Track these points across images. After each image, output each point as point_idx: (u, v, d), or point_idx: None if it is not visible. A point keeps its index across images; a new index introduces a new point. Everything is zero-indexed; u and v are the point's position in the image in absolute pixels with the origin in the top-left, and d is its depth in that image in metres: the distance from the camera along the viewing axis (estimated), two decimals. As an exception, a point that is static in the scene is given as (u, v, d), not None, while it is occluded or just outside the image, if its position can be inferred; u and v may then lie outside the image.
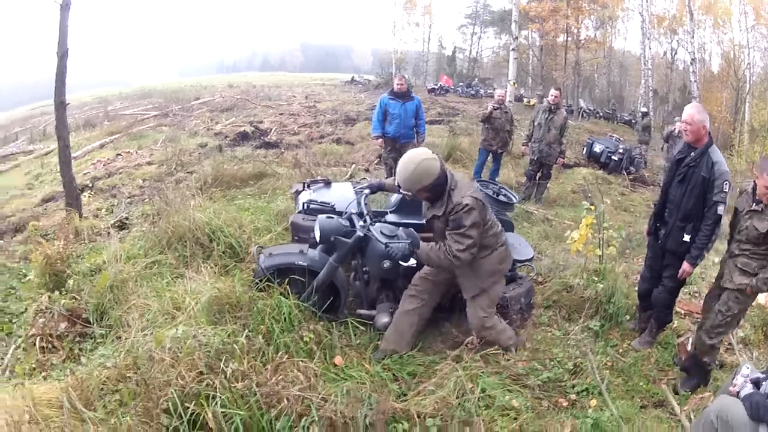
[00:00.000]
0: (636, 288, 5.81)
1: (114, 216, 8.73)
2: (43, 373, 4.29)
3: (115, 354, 3.94)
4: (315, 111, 24.33)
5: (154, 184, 11.01)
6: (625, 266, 7.13)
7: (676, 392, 4.70)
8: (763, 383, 3.53)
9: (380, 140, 9.73)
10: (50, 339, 4.76)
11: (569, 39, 31.73)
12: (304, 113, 23.41)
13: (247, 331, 3.92)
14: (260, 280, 4.52)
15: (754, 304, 5.38)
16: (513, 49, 16.97)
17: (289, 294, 4.35)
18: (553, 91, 10.45)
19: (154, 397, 3.27)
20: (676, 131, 12.31)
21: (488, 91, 38.63)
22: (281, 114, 22.83)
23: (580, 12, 31.29)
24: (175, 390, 3.27)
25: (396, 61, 39.84)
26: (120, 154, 14.50)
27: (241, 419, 3.21)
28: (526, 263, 5.56)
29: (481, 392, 3.89)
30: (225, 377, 3.36)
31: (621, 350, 5.24)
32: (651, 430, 4.06)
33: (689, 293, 6.82)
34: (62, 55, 7.92)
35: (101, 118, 22.04)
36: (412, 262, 4.49)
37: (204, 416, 3.21)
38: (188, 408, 3.22)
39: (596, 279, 5.96)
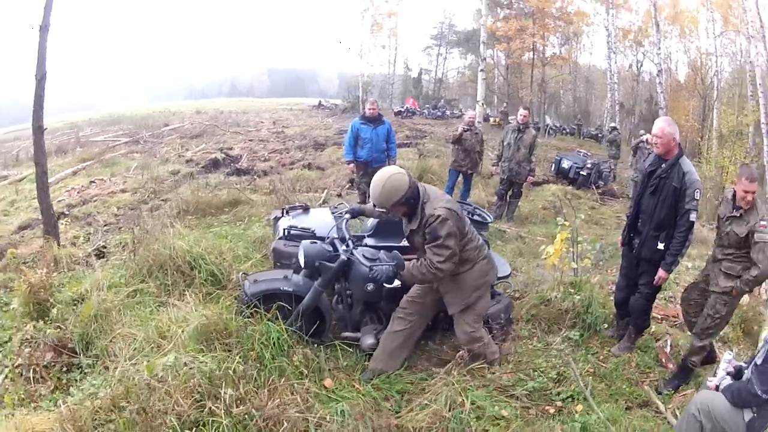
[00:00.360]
0: (612, 297, 6.01)
1: (91, 244, 8.65)
2: (33, 404, 4.26)
3: (106, 384, 3.96)
4: (284, 137, 24.34)
5: (129, 212, 11.00)
6: (600, 277, 7.32)
7: (659, 393, 4.88)
8: (745, 371, 3.73)
9: (352, 165, 9.84)
10: (37, 369, 4.69)
11: (535, 56, 32.10)
12: (273, 139, 23.42)
13: (238, 357, 3.94)
14: (246, 307, 4.53)
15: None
16: (481, 70, 17.20)
17: (277, 319, 4.39)
18: (521, 111, 10.69)
19: (154, 425, 3.29)
20: (643, 140, 12.73)
21: (454, 112, 38.94)
22: (250, 140, 22.83)
23: (545, 29, 31.68)
24: (173, 418, 3.31)
25: (363, 85, 39.91)
26: (94, 182, 14.37)
27: None
28: (503, 280, 5.67)
29: (471, 404, 3.99)
30: (223, 403, 3.40)
31: (602, 357, 5.41)
32: (638, 430, 4.21)
33: (665, 298, 7.05)
34: (41, 78, 7.75)
35: (73, 144, 21.75)
36: (397, 283, 4.55)
37: None
38: None
39: (573, 291, 6.11)
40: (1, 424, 3.59)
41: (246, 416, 3.36)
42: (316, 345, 4.68)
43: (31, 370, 4.64)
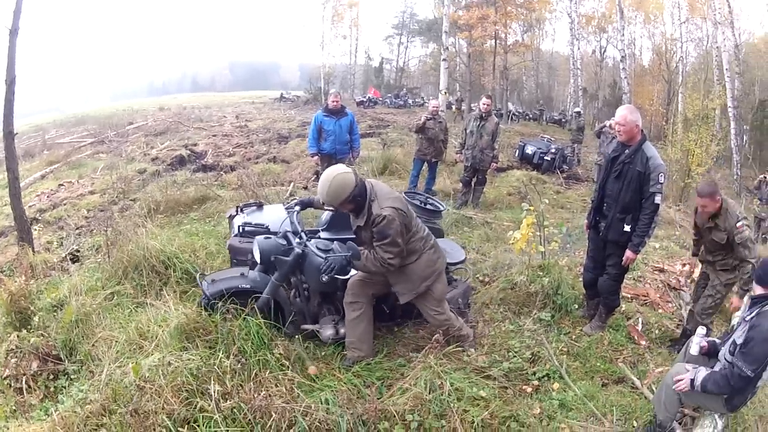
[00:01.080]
0: (581, 278, 6.19)
1: (65, 249, 8.65)
2: (24, 415, 4.25)
3: (94, 389, 3.96)
4: (247, 131, 24.27)
5: (99, 213, 10.97)
6: (568, 260, 7.47)
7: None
8: (721, 348, 3.95)
9: (316, 158, 9.90)
10: (24, 379, 4.67)
11: (497, 44, 32.23)
12: (237, 133, 23.33)
13: (221, 353, 3.99)
14: (206, 308, 4.55)
15: None
16: (444, 59, 17.28)
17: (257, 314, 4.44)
18: (484, 99, 10.90)
19: (147, 425, 3.35)
20: (607, 125, 12.98)
21: (416, 100, 38.99)
22: (214, 135, 22.71)
23: (508, 17, 31.77)
24: (164, 417, 3.37)
25: (324, 76, 39.80)
26: (62, 185, 14.32)
27: None
28: (458, 266, 5.83)
29: (450, 386, 4.10)
30: (211, 399, 3.47)
31: (574, 336, 5.60)
32: (616, 404, 4.44)
33: (633, 279, 7.23)
34: (10, 83, 7.68)
35: (39, 147, 21.48)
36: (353, 273, 4.68)
37: None
38: None
39: (541, 274, 6.29)
40: None
41: (235, 410, 3.43)
42: (295, 336, 4.73)
43: (20, 381, 4.62)
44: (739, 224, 4.80)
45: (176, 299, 5.17)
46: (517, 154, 18.02)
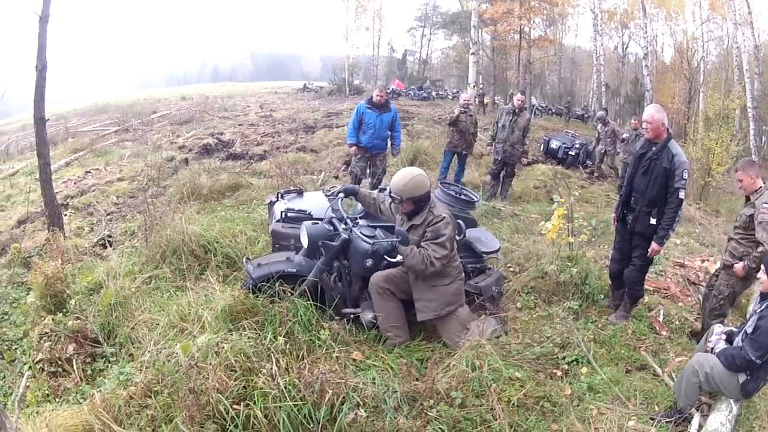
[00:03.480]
0: (607, 270, 6.39)
1: (96, 234, 8.68)
2: (58, 399, 4.27)
3: (136, 370, 4.05)
4: (272, 120, 24.27)
5: (129, 200, 11.08)
6: (594, 252, 7.67)
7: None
8: (735, 337, 4.24)
9: (354, 148, 9.63)
10: (59, 363, 4.68)
11: (522, 38, 32.12)
12: (263, 123, 23.35)
13: (269, 334, 4.09)
14: (251, 290, 4.68)
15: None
16: (473, 53, 17.32)
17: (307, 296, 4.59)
18: (518, 95, 10.99)
19: (201, 403, 3.43)
20: (630, 137, 13.30)
21: (440, 93, 38.87)
22: (240, 125, 22.73)
23: (532, 12, 31.66)
24: (219, 395, 3.45)
25: (348, 67, 39.88)
26: (89, 172, 14.32)
27: (286, 413, 3.42)
28: (492, 255, 6.04)
29: (488, 368, 4.30)
30: (264, 376, 3.58)
31: (600, 325, 5.78)
32: (639, 389, 4.64)
33: (655, 273, 7.41)
34: (41, 69, 7.67)
35: (62, 135, 21.49)
36: (399, 258, 4.80)
37: (247, 418, 3.40)
38: (237, 410, 3.40)
39: (570, 264, 6.46)
40: (29, 423, 3.57)
41: (289, 386, 3.52)
42: (339, 319, 4.86)
43: (53, 365, 4.65)
44: (765, 205, 4.91)
45: (219, 283, 5.27)
46: (542, 148, 18.10)
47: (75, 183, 13.22)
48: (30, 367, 4.65)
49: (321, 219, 5.35)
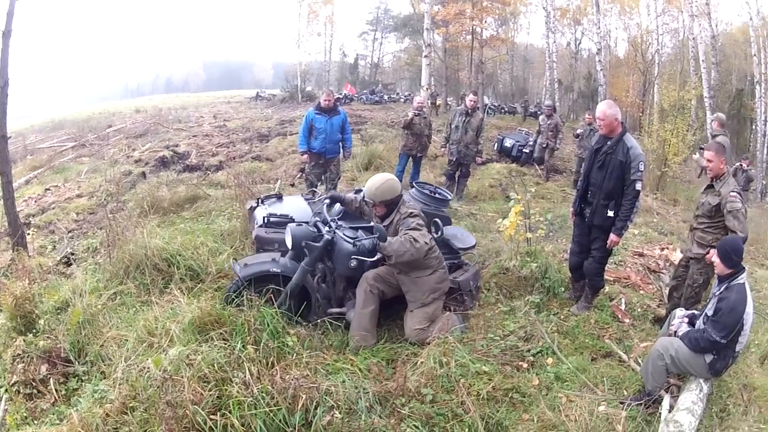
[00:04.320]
0: (566, 263, 6.59)
1: (59, 252, 8.62)
2: (36, 421, 4.25)
3: (110, 388, 4.04)
4: (227, 130, 24.11)
5: (89, 216, 10.98)
6: (552, 246, 7.87)
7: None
8: (697, 320, 4.45)
9: (306, 156, 9.73)
10: (33, 384, 4.65)
11: (474, 39, 32.37)
12: (217, 133, 23.17)
13: (238, 343, 4.14)
14: (237, 289, 4.86)
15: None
16: (425, 56, 17.46)
17: (270, 303, 4.70)
18: (470, 96, 11.19)
19: (179, 415, 3.47)
20: (584, 132, 13.52)
21: (392, 96, 38.91)
22: (195, 136, 22.54)
23: (484, 12, 31.89)
24: (196, 407, 3.50)
25: (300, 73, 39.80)
26: (49, 189, 14.16)
27: (261, 420, 3.49)
28: (469, 251, 6.24)
29: (456, 363, 4.44)
30: (238, 386, 3.65)
31: (562, 316, 5.96)
32: (606, 376, 4.82)
33: (615, 263, 7.65)
34: (3, 86, 7.64)
35: (21, 152, 21.02)
36: (378, 256, 4.99)
37: (224, 427, 3.44)
38: (215, 420, 3.45)
39: (529, 259, 6.65)
40: None
41: (264, 393, 3.60)
42: (305, 324, 5.03)
43: (29, 386, 4.62)
44: (732, 193, 5.10)
45: (183, 296, 5.26)
46: (496, 147, 18.20)
47: (35, 201, 13.04)
48: (6, 390, 4.60)
49: (305, 222, 5.54)
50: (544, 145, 15.52)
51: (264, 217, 6.07)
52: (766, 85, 26.83)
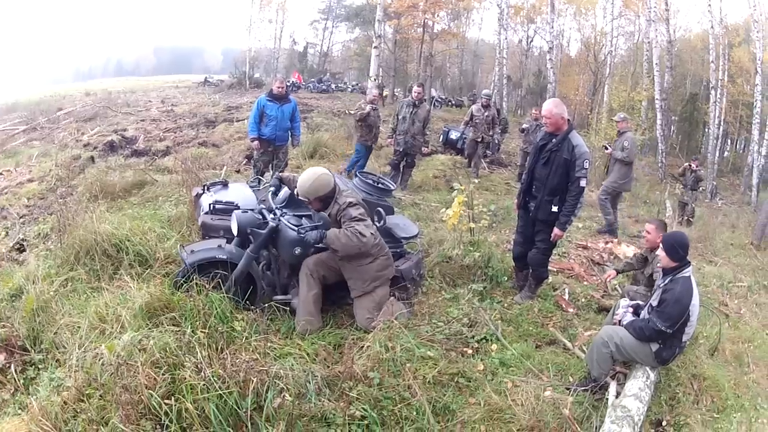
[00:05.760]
0: (509, 253, 6.86)
1: (10, 238, 8.48)
2: None
3: (66, 375, 4.03)
4: (174, 115, 23.99)
5: (40, 201, 10.80)
6: (495, 237, 8.13)
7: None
8: (642, 311, 4.71)
9: (256, 142, 9.75)
10: None
11: (425, 32, 32.52)
12: (164, 118, 23.09)
13: (188, 329, 4.17)
14: (184, 276, 4.93)
15: (622, 257, 7.56)
16: (375, 47, 17.50)
17: (216, 288, 4.73)
18: (416, 88, 11.45)
19: (133, 401, 3.48)
20: (530, 127, 13.86)
21: (339, 85, 38.94)
22: (142, 120, 22.44)
23: (437, 6, 32.00)
24: (150, 391, 3.50)
25: (250, 60, 39.48)
26: (1, 174, 13.97)
27: (214, 404, 3.52)
28: (411, 240, 6.34)
29: (400, 348, 4.56)
30: (190, 370, 3.67)
31: (506, 305, 6.20)
32: (550, 362, 5.03)
33: (558, 255, 7.95)
34: None
35: None
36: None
37: (178, 412, 3.46)
38: (169, 404, 3.46)
39: (472, 249, 6.89)
40: None
41: (215, 377, 3.62)
42: (252, 309, 5.08)
43: None
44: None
45: (133, 282, 5.22)
46: (441, 139, 18.33)
47: (-13, 186, 12.73)
48: None
49: (250, 209, 5.57)
50: (478, 140, 14.22)
51: (210, 204, 6.13)
52: (722, 91, 27.86)
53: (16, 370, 4.51)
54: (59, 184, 11.55)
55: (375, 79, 18.07)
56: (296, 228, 4.96)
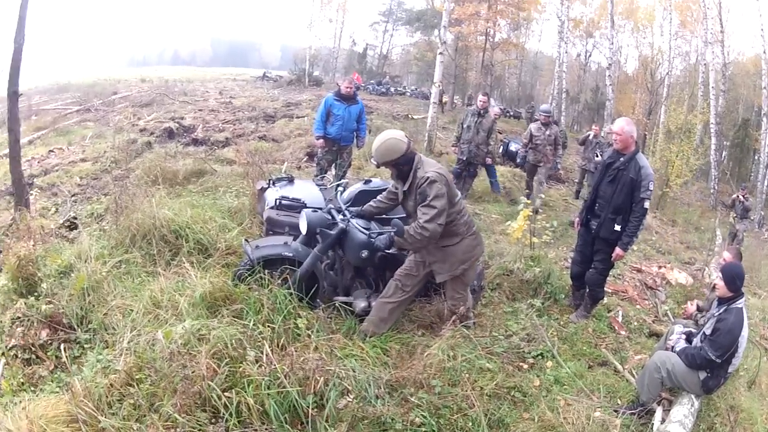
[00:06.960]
0: (567, 270, 6.75)
1: (61, 215, 8.53)
2: (34, 388, 4.13)
3: (115, 358, 3.96)
4: (232, 107, 23.91)
5: (93, 181, 10.92)
6: (554, 253, 8.00)
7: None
8: (694, 338, 4.60)
9: (321, 141, 9.58)
10: (32, 349, 4.50)
11: (486, 41, 32.38)
12: (222, 109, 23.04)
13: (250, 322, 4.15)
14: (248, 270, 4.83)
15: (674, 283, 7.22)
16: (440, 53, 17.43)
17: (281, 285, 4.68)
18: (480, 97, 11.26)
19: (192, 391, 3.44)
20: (591, 136, 13.51)
21: (398, 89, 38.79)
22: (200, 110, 22.42)
23: (499, 14, 31.81)
24: (208, 382, 3.47)
25: (310, 57, 39.69)
26: (53, 151, 14.10)
27: (275, 401, 3.50)
28: None
29: (461, 358, 4.51)
30: (253, 365, 3.65)
31: (562, 322, 6.08)
32: (601, 383, 4.93)
33: (614, 276, 7.76)
34: (19, 44, 7.63)
35: (25, 113, 20.78)
36: (393, 249, 5.04)
37: (234, 405, 3.43)
38: (229, 398, 3.44)
39: (533, 264, 6.78)
40: (8, 413, 3.42)
41: (277, 374, 3.60)
42: (313, 308, 4.97)
43: (27, 351, 4.49)
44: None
45: (194, 270, 5.19)
46: (500, 151, 17.99)
47: (38, 162, 12.99)
48: (3, 354, 4.47)
49: (318, 208, 5.54)
50: (539, 164, 12.16)
51: (276, 200, 6.11)
52: (773, 119, 26.94)
53: (57, 348, 4.54)
54: (114, 166, 11.62)
55: (438, 86, 17.92)
56: (366, 231, 4.89)
